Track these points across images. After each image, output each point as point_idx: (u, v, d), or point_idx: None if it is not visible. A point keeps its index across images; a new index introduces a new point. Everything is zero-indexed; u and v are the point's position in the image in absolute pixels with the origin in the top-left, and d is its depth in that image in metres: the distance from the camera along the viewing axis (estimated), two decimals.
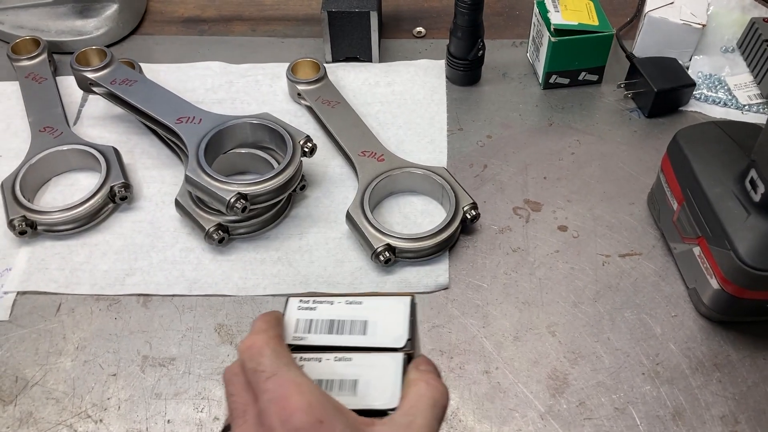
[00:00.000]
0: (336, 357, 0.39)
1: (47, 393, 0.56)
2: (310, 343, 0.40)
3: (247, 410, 0.35)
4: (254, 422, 0.34)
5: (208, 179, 0.62)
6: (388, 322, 0.40)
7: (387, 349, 0.39)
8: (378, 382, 0.38)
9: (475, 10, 0.73)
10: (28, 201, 0.65)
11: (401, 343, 0.39)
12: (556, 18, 0.74)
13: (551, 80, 0.78)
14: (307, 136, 0.66)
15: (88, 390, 0.56)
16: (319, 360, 0.39)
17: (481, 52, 0.77)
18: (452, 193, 0.65)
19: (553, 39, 0.74)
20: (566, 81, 0.79)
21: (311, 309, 0.41)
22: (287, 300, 0.41)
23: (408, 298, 0.41)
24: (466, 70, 0.78)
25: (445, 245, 0.64)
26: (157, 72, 0.80)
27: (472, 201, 0.65)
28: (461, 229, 0.66)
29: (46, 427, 0.54)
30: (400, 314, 0.41)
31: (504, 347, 0.59)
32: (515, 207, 0.68)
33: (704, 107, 0.77)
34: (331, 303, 0.41)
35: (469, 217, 0.64)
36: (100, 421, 0.55)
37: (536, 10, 0.77)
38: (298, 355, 0.38)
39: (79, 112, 0.78)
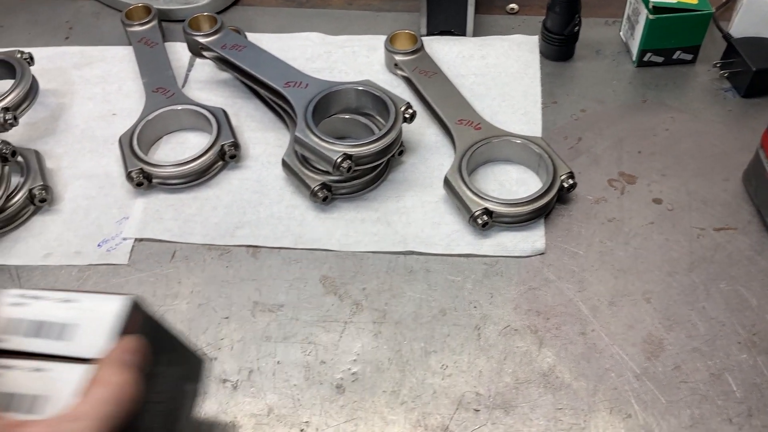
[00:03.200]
0: (28, 365, 0.36)
1: None
2: (6, 347, 0.37)
3: None
4: None
5: (317, 140, 0.65)
6: (94, 327, 0.38)
7: (81, 359, 0.37)
8: (61, 395, 0.36)
9: None
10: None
11: (95, 354, 0.37)
12: None
13: (645, 58, 0.79)
14: (408, 103, 0.68)
15: (202, 330, 0.60)
16: (9, 368, 0.36)
17: (577, 27, 0.78)
18: (550, 161, 0.67)
19: (650, 16, 0.75)
20: (660, 59, 0.79)
21: (21, 306, 0.39)
22: None
23: (125, 299, 0.40)
24: (560, 45, 0.79)
25: (542, 212, 0.65)
26: (259, 41, 0.83)
27: (569, 170, 0.66)
28: (557, 198, 0.67)
29: None
30: (108, 320, 0.39)
31: (599, 311, 0.60)
32: (610, 179, 0.70)
33: None
34: (45, 299, 0.39)
35: (566, 185, 0.66)
36: (215, 359, 0.58)
37: None
38: None
39: (187, 76, 0.82)
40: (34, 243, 0.66)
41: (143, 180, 0.68)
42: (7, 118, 0.69)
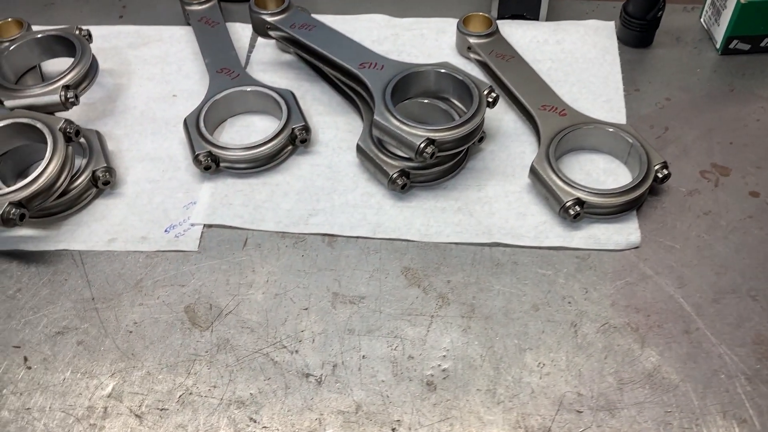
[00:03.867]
0: None
1: (241, 322, 0.57)
2: None
3: None
4: None
5: (398, 123, 0.61)
6: None
7: None
8: None
9: None
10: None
11: None
12: None
13: (731, 45, 0.75)
14: (491, 87, 0.64)
15: (281, 322, 0.57)
16: None
17: (660, 12, 0.74)
18: (643, 151, 0.63)
19: (743, 0, 0.71)
20: (747, 47, 0.75)
21: None
22: None
23: None
24: (641, 31, 0.76)
25: (635, 203, 0.62)
26: (322, 22, 0.80)
27: (663, 160, 0.63)
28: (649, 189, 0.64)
29: (243, 354, 0.55)
30: None
31: (703, 309, 0.56)
32: (702, 170, 0.66)
33: None
34: None
35: (660, 176, 0.62)
36: (296, 352, 0.55)
37: None
38: None
39: (248, 57, 0.78)
40: (98, 227, 0.63)
41: (211, 163, 0.65)
42: (68, 96, 0.66)
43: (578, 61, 0.76)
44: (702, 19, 0.80)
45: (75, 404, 0.52)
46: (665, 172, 0.62)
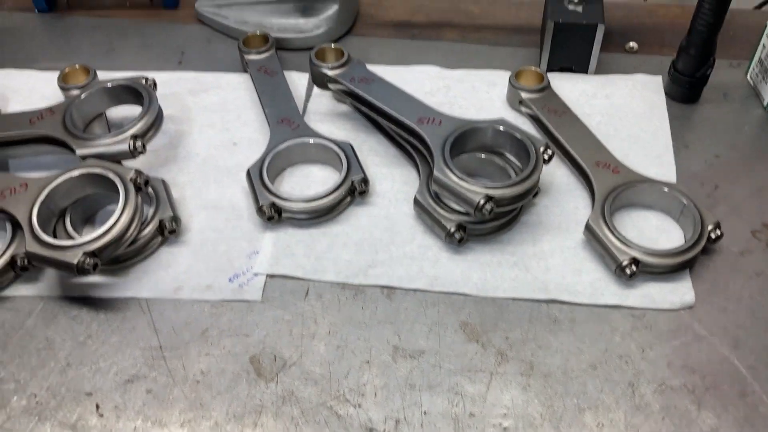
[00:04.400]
0: None
1: (305, 374, 0.58)
2: None
3: None
4: None
5: (457, 179, 0.63)
6: None
7: None
8: None
9: (713, 29, 0.72)
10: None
11: None
12: None
13: None
14: (547, 143, 0.66)
15: (344, 374, 0.58)
16: None
17: (710, 69, 0.76)
18: (696, 210, 0.64)
19: None
20: None
21: None
22: None
23: None
24: (690, 88, 0.77)
25: (689, 263, 0.63)
26: (375, 72, 0.82)
27: (716, 220, 0.64)
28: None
29: (308, 407, 0.56)
30: None
31: (759, 372, 0.57)
32: (754, 230, 0.67)
33: None
34: None
35: (713, 237, 0.63)
36: (359, 406, 0.57)
37: None
38: None
39: (305, 106, 0.81)
40: (164, 275, 0.65)
41: (274, 214, 0.67)
42: (137, 145, 0.68)
43: (627, 116, 0.78)
44: (749, 76, 0.81)
45: None
46: (718, 232, 0.64)
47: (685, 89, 0.78)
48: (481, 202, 0.62)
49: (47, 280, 0.65)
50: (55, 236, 0.64)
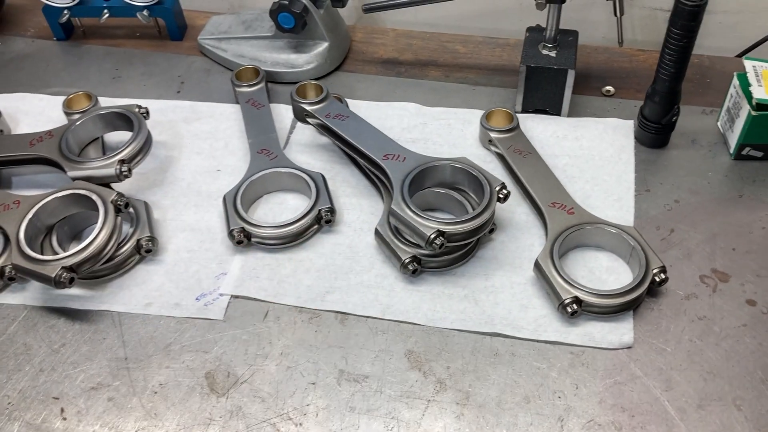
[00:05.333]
0: None
1: (254, 391, 0.62)
2: None
3: None
4: None
5: (412, 214, 0.66)
6: None
7: None
8: None
9: (675, 79, 0.74)
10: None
11: None
12: (759, 92, 0.74)
13: (744, 152, 0.78)
14: (503, 183, 0.69)
15: (290, 394, 0.62)
16: None
17: (675, 117, 0.78)
18: (643, 254, 0.66)
19: (753, 113, 0.74)
20: (760, 154, 0.78)
21: None
22: None
23: None
24: (657, 134, 0.80)
25: (632, 305, 0.65)
26: (358, 107, 0.87)
27: (661, 264, 0.66)
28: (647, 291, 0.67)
29: (253, 423, 0.60)
30: None
31: (687, 414, 0.59)
32: (702, 275, 0.69)
33: None
34: None
35: (657, 280, 0.66)
36: (300, 425, 0.60)
37: (735, 81, 0.78)
38: None
39: (288, 138, 0.85)
40: (137, 291, 0.70)
41: (243, 238, 0.71)
42: (122, 170, 0.74)
43: (594, 159, 0.80)
44: (719, 123, 0.83)
45: None
46: (663, 276, 0.66)
47: (652, 135, 0.80)
48: (432, 236, 0.65)
49: (32, 290, 0.71)
50: (42, 251, 0.70)
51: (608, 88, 0.89)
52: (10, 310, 0.69)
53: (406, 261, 0.68)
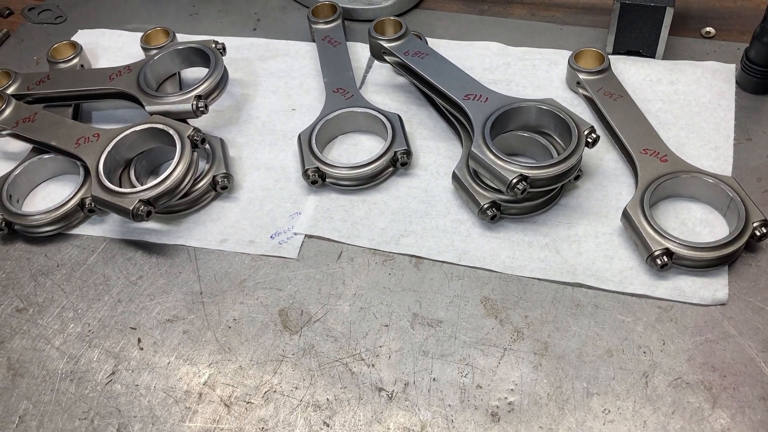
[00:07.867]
0: None
1: (327, 330, 0.62)
2: None
3: None
4: None
5: (493, 157, 0.63)
6: None
7: None
8: None
9: None
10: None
11: None
12: None
13: None
14: (592, 127, 0.65)
15: (362, 335, 0.61)
16: None
17: None
18: (742, 206, 0.62)
19: None
20: None
21: None
22: None
23: None
24: (763, 78, 0.73)
25: (727, 259, 0.61)
26: (437, 47, 0.83)
27: (763, 218, 0.61)
28: (745, 246, 0.62)
29: (326, 361, 0.60)
30: None
31: None
32: None
33: None
34: None
35: (758, 234, 0.61)
36: (372, 365, 0.59)
37: None
38: None
39: (364, 77, 0.83)
40: (213, 227, 0.70)
41: (318, 179, 0.70)
42: (199, 105, 0.73)
43: (690, 104, 0.75)
44: None
45: (175, 387, 0.59)
46: (764, 230, 0.61)
47: (757, 80, 0.74)
48: (514, 180, 0.62)
49: (111, 223, 0.71)
50: (120, 184, 0.70)
51: (708, 29, 0.83)
52: (91, 242, 0.71)
53: (485, 206, 0.66)
